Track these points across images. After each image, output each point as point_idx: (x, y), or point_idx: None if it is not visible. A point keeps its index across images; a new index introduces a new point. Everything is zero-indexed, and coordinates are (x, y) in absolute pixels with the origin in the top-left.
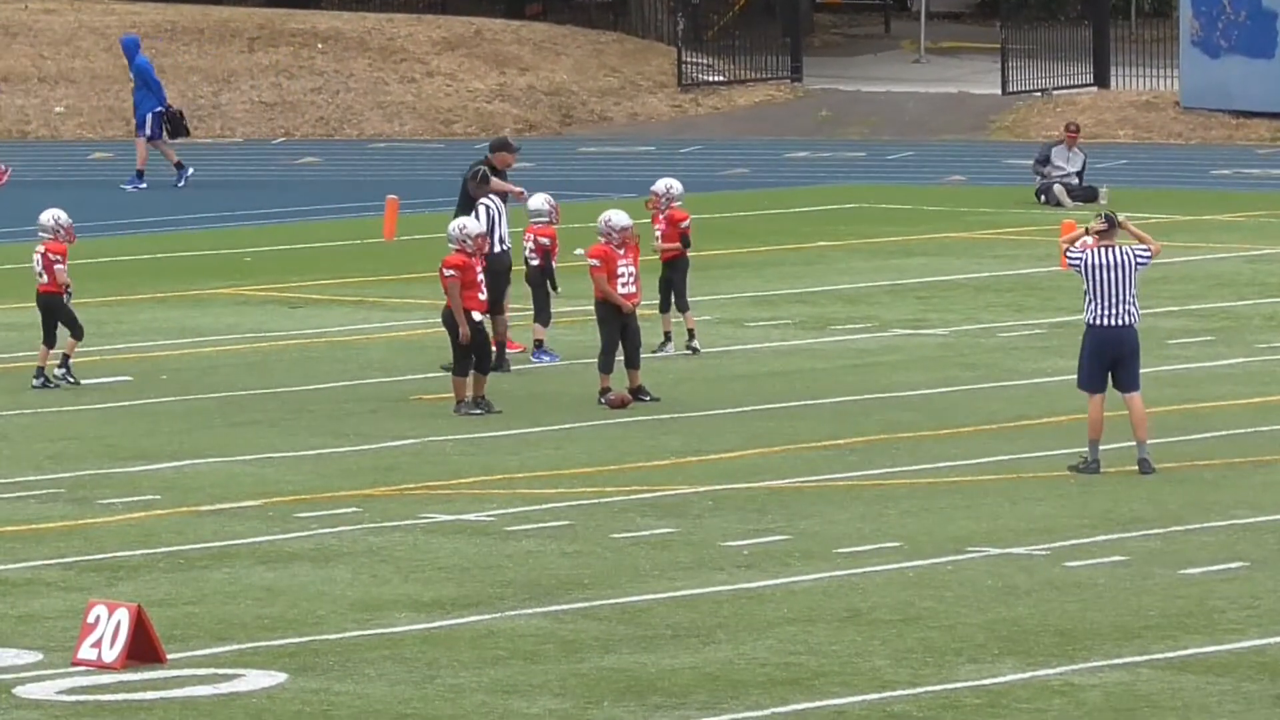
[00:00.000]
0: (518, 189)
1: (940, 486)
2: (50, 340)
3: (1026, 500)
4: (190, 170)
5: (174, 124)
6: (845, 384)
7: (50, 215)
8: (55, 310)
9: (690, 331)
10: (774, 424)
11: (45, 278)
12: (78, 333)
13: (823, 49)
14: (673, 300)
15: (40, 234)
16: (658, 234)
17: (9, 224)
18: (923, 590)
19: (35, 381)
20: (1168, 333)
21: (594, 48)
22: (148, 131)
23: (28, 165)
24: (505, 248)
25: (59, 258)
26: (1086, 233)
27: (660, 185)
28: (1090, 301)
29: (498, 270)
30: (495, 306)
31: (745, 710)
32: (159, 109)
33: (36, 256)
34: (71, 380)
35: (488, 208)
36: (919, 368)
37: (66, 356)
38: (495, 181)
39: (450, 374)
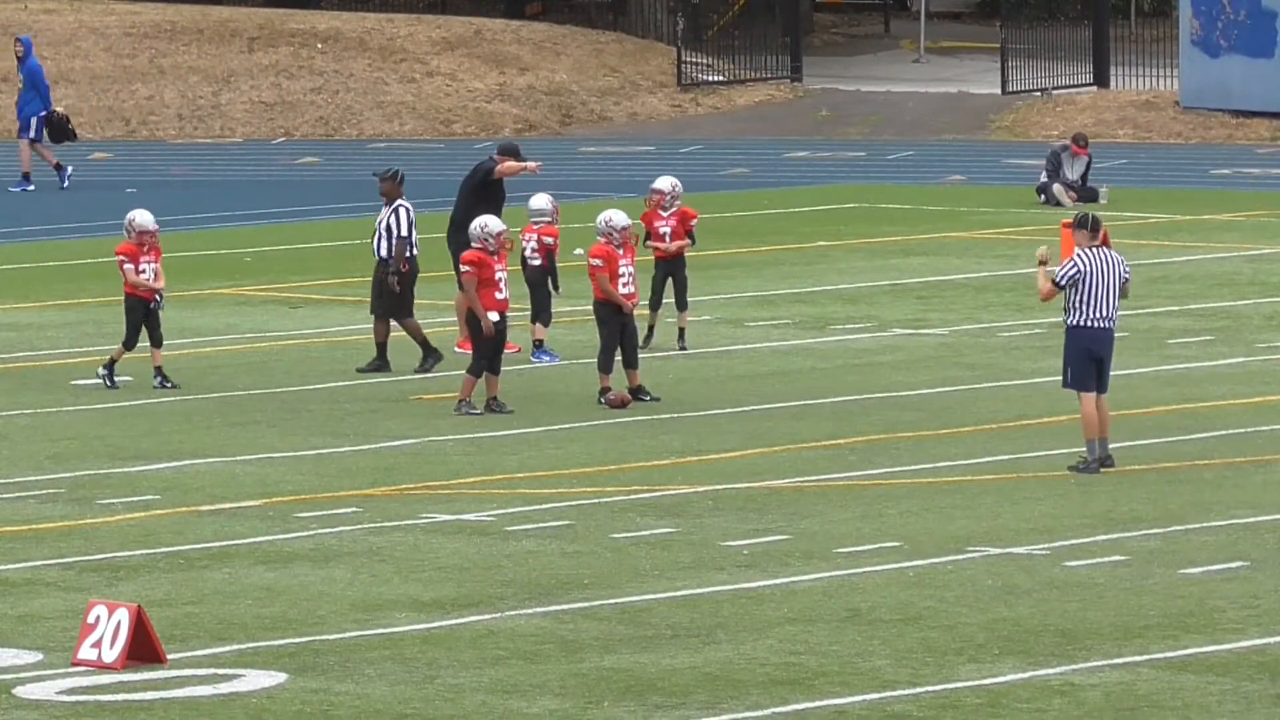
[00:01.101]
0: (533, 164)
1: (940, 486)
2: (155, 340)
3: (1026, 500)
4: (70, 169)
5: (58, 128)
6: (845, 384)
7: (129, 215)
8: (128, 311)
9: (681, 331)
10: (774, 424)
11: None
12: (128, 342)
13: (823, 49)
14: (671, 298)
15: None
16: (665, 231)
17: (9, 224)
18: (923, 590)
19: (155, 382)
20: (1168, 332)
21: (594, 48)
22: (31, 134)
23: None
24: (416, 252)
25: (125, 258)
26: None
27: (666, 184)
28: (1081, 303)
29: (411, 274)
30: (405, 310)
31: (745, 710)
32: (43, 112)
33: None
34: (110, 384)
35: (406, 210)
36: (919, 368)
37: (112, 361)
38: (509, 163)
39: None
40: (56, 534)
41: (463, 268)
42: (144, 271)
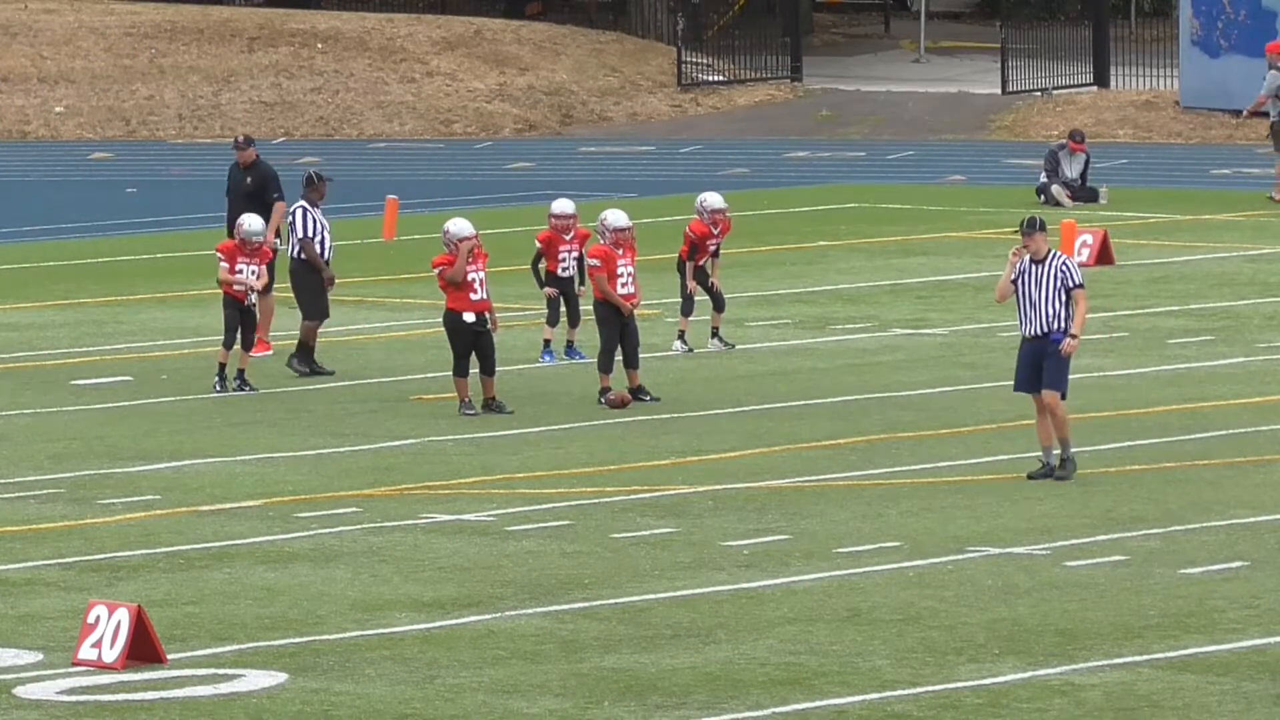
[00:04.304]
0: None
1: (940, 486)
2: (246, 343)
3: (1026, 500)
4: None
5: None
6: (845, 384)
7: (240, 220)
8: (224, 308)
9: (714, 329)
10: (774, 424)
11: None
12: (227, 341)
13: (823, 49)
14: (680, 301)
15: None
16: (713, 247)
17: (9, 224)
18: (923, 590)
19: (234, 384)
20: (1168, 332)
21: (594, 48)
22: None
23: (28, 165)
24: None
25: (222, 256)
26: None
27: (723, 201)
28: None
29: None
30: (322, 313)
31: (745, 710)
32: None
33: None
34: (222, 388)
35: (305, 211)
36: (919, 368)
37: (222, 366)
38: (278, 206)
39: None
40: (56, 534)
41: (434, 270)
42: (241, 272)
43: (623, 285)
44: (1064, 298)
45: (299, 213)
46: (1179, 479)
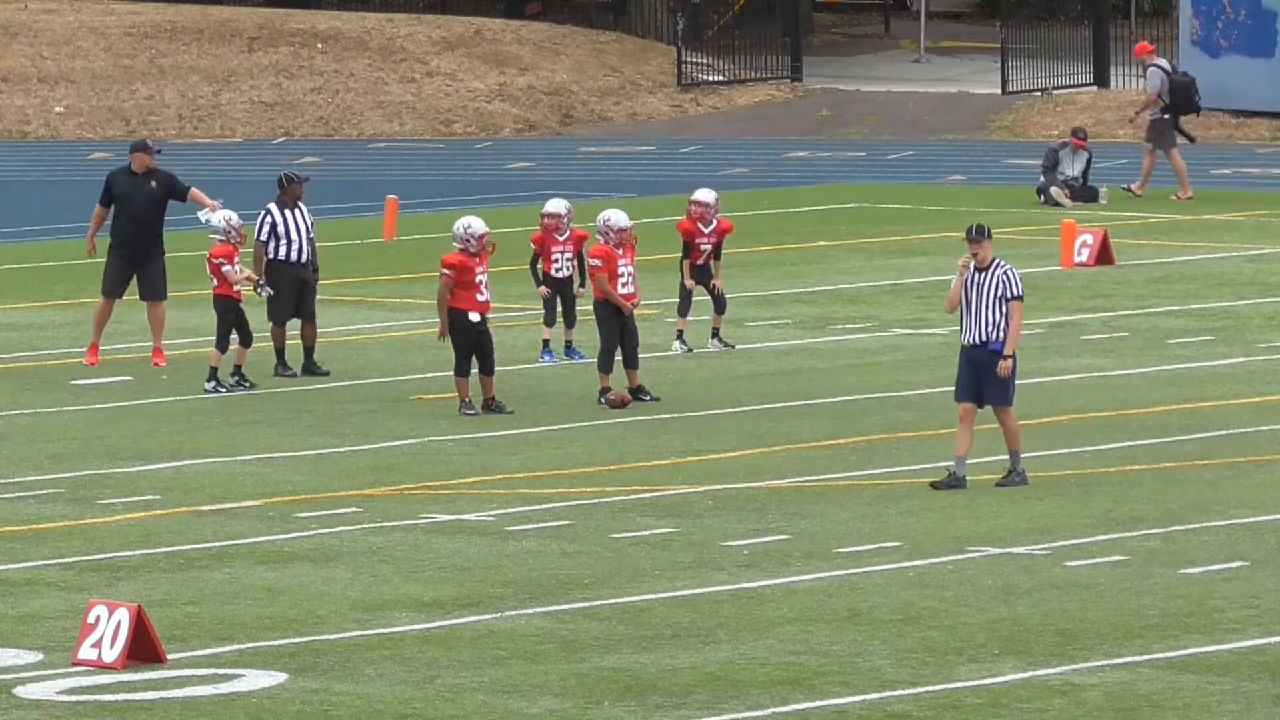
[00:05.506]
0: (212, 203)
1: None
2: (223, 345)
3: (1026, 500)
4: None
5: None
6: (845, 384)
7: (221, 217)
8: (225, 314)
9: (715, 330)
10: (774, 424)
11: (215, 281)
12: (246, 340)
13: (823, 49)
14: (682, 302)
15: (211, 236)
16: (706, 248)
17: (9, 224)
18: (923, 590)
19: (207, 385)
20: (1168, 332)
21: (594, 48)
22: None
23: (28, 165)
24: (304, 259)
25: (223, 260)
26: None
27: (710, 196)
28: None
29: (305, 280)
30: (285, 314)
31: (745, 710)
32: None
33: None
34: (247, 385)
35: (268, 214)
36: (919, 368)
37: (239, 366)
38: (194, 191)
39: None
40: (56, 534)
41: (442, 270)
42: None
43: (623, 285)
44: (1004, 308)
45: (263, 215)
46: (1179, 479)
